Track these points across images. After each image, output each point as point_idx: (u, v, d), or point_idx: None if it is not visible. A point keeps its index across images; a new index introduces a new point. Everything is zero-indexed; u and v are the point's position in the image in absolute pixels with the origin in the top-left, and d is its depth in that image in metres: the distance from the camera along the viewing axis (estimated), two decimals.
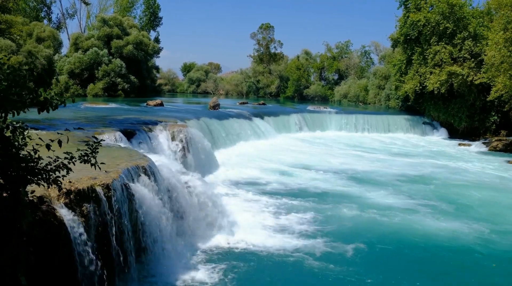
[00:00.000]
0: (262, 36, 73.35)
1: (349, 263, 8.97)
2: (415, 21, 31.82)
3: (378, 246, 9.99)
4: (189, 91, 78.90)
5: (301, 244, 9.73)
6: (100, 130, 13.39)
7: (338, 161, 20.60)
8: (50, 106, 4.76)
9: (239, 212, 11.51)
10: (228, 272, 8.27)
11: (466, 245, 10.27)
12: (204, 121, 21.65)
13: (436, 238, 10.59)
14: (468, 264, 9.38)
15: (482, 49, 29.65)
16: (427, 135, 33.41)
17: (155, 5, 66.90)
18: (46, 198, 6.00)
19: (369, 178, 17.13)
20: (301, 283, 8.25)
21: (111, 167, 7.81)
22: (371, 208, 12.81)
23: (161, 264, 8.02)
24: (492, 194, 15.39)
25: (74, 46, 49.11)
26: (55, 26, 62.14)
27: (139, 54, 50.60)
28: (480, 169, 20.31)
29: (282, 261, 8.91)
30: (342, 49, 67.46)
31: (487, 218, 12.28)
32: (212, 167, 16.82)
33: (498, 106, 30.06)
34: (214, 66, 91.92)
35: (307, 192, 14.56)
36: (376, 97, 50.66)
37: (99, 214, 6.77)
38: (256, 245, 9.57)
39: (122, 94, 46.75)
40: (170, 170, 9.88)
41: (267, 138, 25.69)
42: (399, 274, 8.65)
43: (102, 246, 6.81)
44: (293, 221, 11.39)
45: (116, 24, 50.95)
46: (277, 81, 70.45)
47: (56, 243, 5.87)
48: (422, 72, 32.32)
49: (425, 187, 16.03)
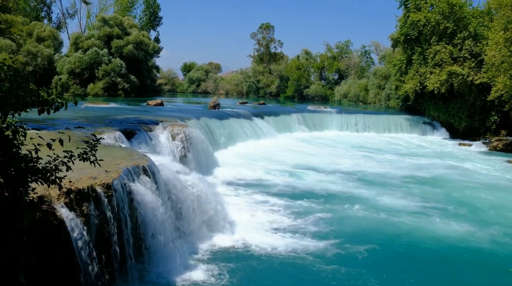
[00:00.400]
0: (262, 36, 73.36)
1: (355, 265, 8.86)
2: (415, 21, 31.81)
3: (389, 248, 9.86)
4: (189, 91, 78.91)
5: (304, 245, 9.68)
6: (100, 130, 13.39)
7: (338, 161, 20.60)
8: (50, 107, 4.75)
9: (239, 212, 11.51)
10: (228, 272, 8.26)
11: (479, 248, 10.10)
12: (204, 121, 21.65)
13: (448, 241, 10.43)
14: (482, 267, 9.18)
15: (482, 49, 29.64)
16: (427, 135, 33.40)
17: (155, 5, 66.91)
18: (46, 198, 6.00)
19: (373, 179, 17.03)
20: (302, 283, 8.23)
21: (111, 166, 7.81)
22: (379, 210, 12.69)
23: (161, 264, 8.02)
24: (501, 196, 15.24)
25: (74, 46, 49.12)
26: (55, 26, 62.17)
27: (139, 54, 50.60)
28: (486, 171, 19.98)
29: (282, 262, 8.90)
30: (342, 49, 67.47)
31: (499, 221, 12.09)
32: (212, 167, 16.81)
33: (498, 106, 30.05)
34: (214, 66, 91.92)
35: (307, 192, 14.52)
36: (376, 97, 50.66)
37: (99, 214, 6.77)
38: (256, 246, 9.55)
39: (122, 94, 46.77)
40: (170, 170, 9.88)
41: (267, 138, 25.69)
42: (411, 277, 8.51)
43: (102, 245, 6.81)
44: (296, 222, 11.31)
45: (116, 24, 50.95)
46: (277, 81, 70.46)
47: (56, 243, 5.87)
48: (422, 72, 32.32)
49: (433, 188, 15.82)
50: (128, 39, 50.12)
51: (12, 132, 4.69)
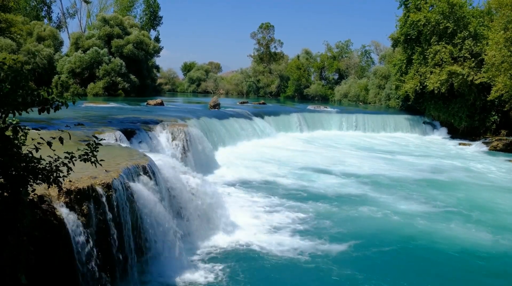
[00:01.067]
0: (262, 36, 73.45)
1: (356, 266, 8.83)
2: (415, 20, 31.82)
3: (402, 252, 9.72)
4: (190, 90, 78.97)
5: (305, 246, 9.66)
6: (100, 129, 13.39)
7: (340, 160, 20.58)
8: (50, 107, 4.75)
9: (240, 212, 11.50)
10: (228, 272, 8.25)
11: (501, 254, 9.87)
12: (204, 120, 21.66)
13: (463, 245, 10.20)
14: (506, 275, 8.99)
15: (482, 49, 29.64)
16: (428, 134, 33.41)
17: (154, 4, 66.95)
18: (46, 198, 6.00)
19: (374, 180, 16.87)
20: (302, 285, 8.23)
21: (111, 166, 7.80)
22: (386, 212, 12.56)
23: (161, 264, 8.01)
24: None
25: (74, 45, 49.13)
26: (55, 25, 62.19)
27: (140, 54, 50.60)
28: (501, 173, 19.54)
29: (283, 263, 8.88)
30: (342, 49, 67.52)
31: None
32: (212, 167, 16.81)
33: (498, 105, 30.05)
34: (215, 66, 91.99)
35: (307, 192, 14.50)
36: (376, 96, 50.68)
37: (99, 214, 6.77)
38: (257, 246, 9.54)
39: (122, 93, 46.79)
40: (170, 170, 9.87)
41: (267, 137, 25.70)
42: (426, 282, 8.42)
43: (102, 245, 6.81)
44: (297, 222, 11.26)
45: (116, 23, 50.94)
46: (277, 81, 70.50)
47: (56, 243, 5.87)
48: (423, 72, 32.33)
49: (442, 191, 15.45)
50: (128, 39, 50.12)
51: (12, 132, 4.69)
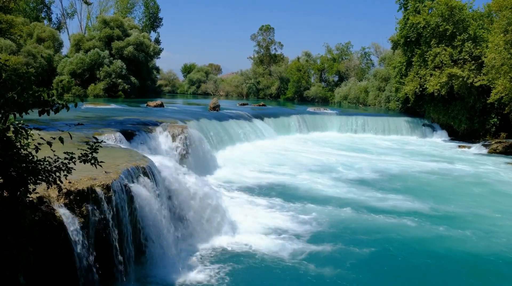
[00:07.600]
0: (262, 38, 73.51)
1: (357, 269, 8.82)
2: (415, 23, 31.88)
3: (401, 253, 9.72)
4: (190, 92, 79.00)
5: (305, 248, 9.64)
6: (100, 131, 13.40)
7: (338, 161, 20.57)
8: (51, 108, 4.76)
9: (239, 214, 11.48)
10: (228, 274, 8.25)
11: (494, 253, 9.86)
12: (204, 122, 21.66)
13: (471, 251, 10.08)
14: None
15: (482, 51, 29.67)
16: (427, 137, 33.38)
17: (154, 6, 67.08)
18: (46, 199, 6.00)
19: (375, 181, 16.89)
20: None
21: (111, 167, 7.81)
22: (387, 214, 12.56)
23: (160, 265, 8.01)
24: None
25: (75, 47, 49.20)
26: (55, 27, 62.28)
27: (140, 55, 50.68)
28: (500, 175, 19.37)
29: (283, 264, 8.87)
30: (342, 51, 67.58)
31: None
32: (212, 168, 16.81)
33: (498, 108, 30.07)
34: (215, 67, 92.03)
35: (308, 193, 14.50)
36: (376, 99, 50.67)
37: (99, 215, 6.77)
38: (256, 247, 9.53)
39: (122, 95, 46.86)
40: (170, 171, 9.87)
41: (267, 139, 25.70)
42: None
43: (102, 246, 6.81)
44: (297, 224, 11.24)
45: (117, 25, 51.04)
46: (277, 83, 70.52)
47: (55, 244, 5.88)
48: (422, 74, 32.37)
49: (440, 193, 15.39)
50: (129, 41, 50.21)
51: (13, 133, 4.70)
